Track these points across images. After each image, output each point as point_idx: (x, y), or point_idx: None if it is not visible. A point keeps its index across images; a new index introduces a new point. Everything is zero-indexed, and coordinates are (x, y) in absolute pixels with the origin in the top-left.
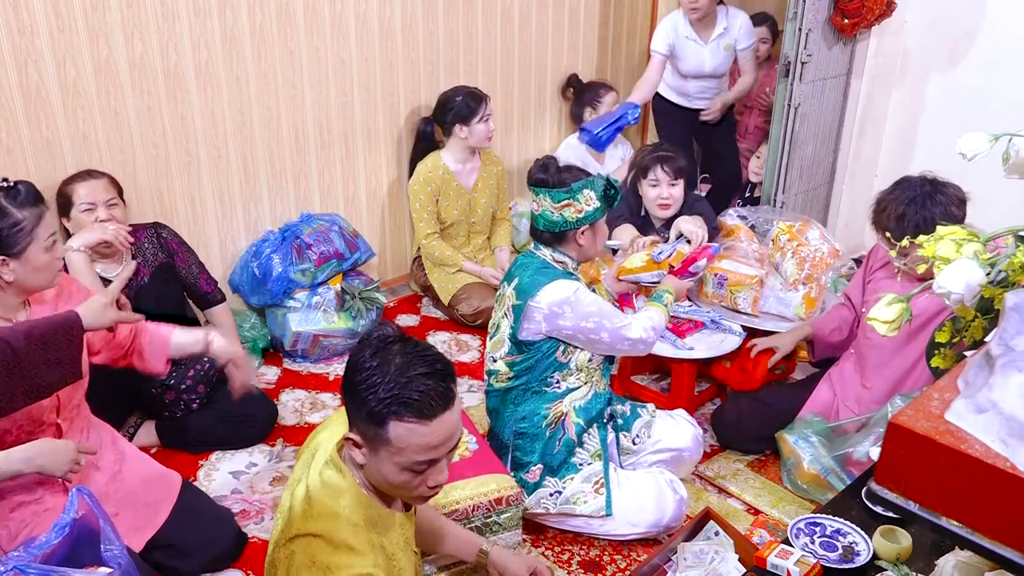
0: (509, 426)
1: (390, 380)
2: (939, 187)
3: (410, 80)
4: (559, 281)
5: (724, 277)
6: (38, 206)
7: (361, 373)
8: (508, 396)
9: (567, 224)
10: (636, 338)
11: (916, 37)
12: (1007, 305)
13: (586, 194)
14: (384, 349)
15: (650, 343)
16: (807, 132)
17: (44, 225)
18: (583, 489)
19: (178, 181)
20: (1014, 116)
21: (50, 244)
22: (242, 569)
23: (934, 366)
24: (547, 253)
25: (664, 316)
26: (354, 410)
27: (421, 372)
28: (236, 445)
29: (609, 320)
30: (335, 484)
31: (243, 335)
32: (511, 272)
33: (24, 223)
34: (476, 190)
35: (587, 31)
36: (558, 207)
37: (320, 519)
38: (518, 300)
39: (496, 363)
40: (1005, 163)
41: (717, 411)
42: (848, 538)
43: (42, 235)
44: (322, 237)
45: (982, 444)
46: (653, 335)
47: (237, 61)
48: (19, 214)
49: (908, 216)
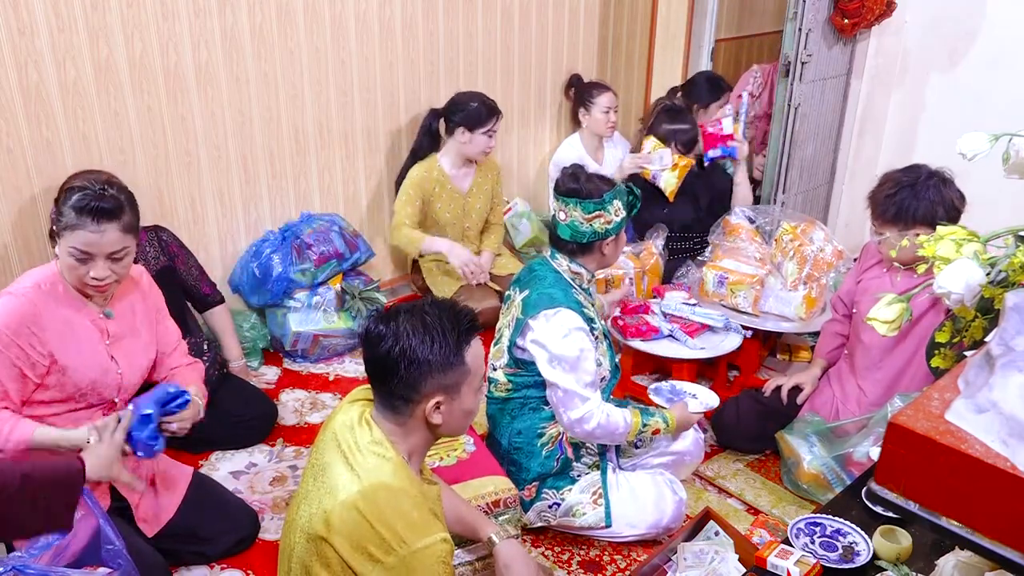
0: (506, 436)
1: (442, 329)
2: (940, 184)
3: (410, 80)
4: (563, 313)
5: (725, 276)
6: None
7: (419, 343)
8: (506, 407)
9: (595, 235)
10: (576, 419)
11: (916, 37)
12: (1007, 305)
13: (616, 204)
14: (398, 324)
15: (585, 433)
16: (807, 132)
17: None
18: (581, 500)
19: (178, 181)
20: (1014, 116)
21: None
22: (242, 569)
23: (934, 366)
24: (564, 264)
25: (631, 429)
26: (429, 377)
27: (451, 313)
28: (236, 445)
29: (577, 381)
30: (387, 458)
31: (243, 335)
32: (523, 279)
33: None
34: (471, 194)
35: (587, 31)
36: (588, 218)
37: (380, 492)
38: (522, 314)
39: (496, 372)
40: (1005, 163)
41: (717, 411)
42: (848, 538)
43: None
44: (322, 237)
45: (982, 444)
46: (597, 431)
47: (237, 61)
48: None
49: (896, 198)
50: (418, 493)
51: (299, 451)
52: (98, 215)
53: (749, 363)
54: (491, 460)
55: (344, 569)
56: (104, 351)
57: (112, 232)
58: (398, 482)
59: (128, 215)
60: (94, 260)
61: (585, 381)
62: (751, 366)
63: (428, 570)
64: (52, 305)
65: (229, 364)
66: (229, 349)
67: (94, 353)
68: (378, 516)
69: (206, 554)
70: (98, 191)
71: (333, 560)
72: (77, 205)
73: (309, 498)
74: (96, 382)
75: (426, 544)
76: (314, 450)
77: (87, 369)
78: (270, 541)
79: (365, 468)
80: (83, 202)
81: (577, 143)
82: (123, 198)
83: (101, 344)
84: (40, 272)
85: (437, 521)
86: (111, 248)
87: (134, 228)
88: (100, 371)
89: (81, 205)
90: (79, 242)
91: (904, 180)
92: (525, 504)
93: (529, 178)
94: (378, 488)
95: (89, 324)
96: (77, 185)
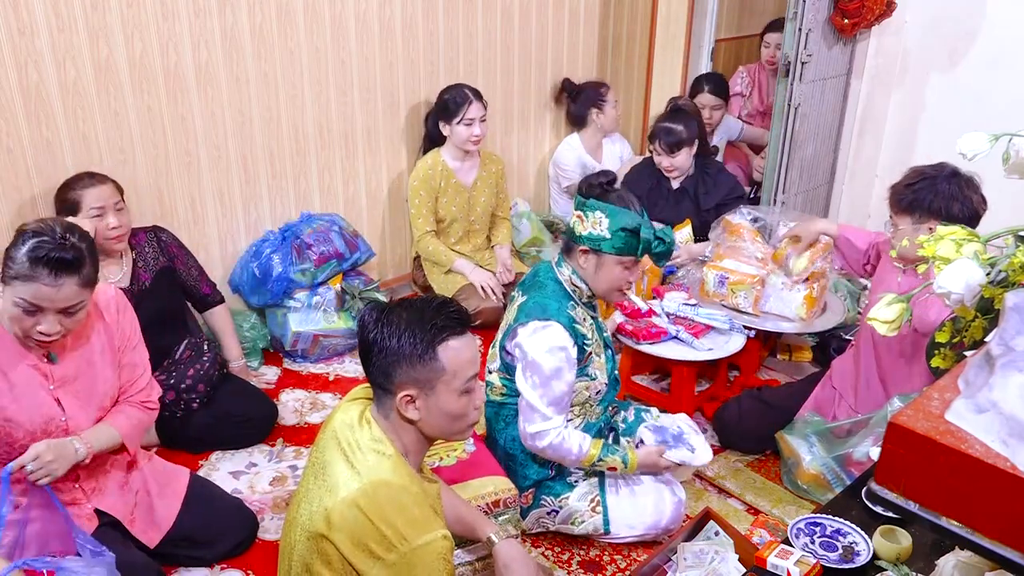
0: (501, 441)
1: (419, 321)
2: (963, 183)
3: (410, 80)
4: (552, 328)
5: (725, 276)
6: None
7: (391, 332)
8: (501, 412)
9: (571, 235)
10: (532, 432)
11: (916, 37)
12: (1007, 305)
13: (596, 216)
14: (390, 311)
15: (536, 448)
16: (807, 132)
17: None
18: (580, 508)
19: (178, 181)
20: (1014, 116)
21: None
22: (242, 569)
23: (934, 366)
24: (567, 273)
25: (584, 457)
26: (398, 368)
27: (435, 306)
28: (236, 445)
29: (541, 397)
30: (387, 455)
31: (243, 335)
32: (527, 283)
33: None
34: (475, 188)
35: (587, 31)
36: (574, 214)
37: (380, 489)
38: (514, 320)
39: (491, 375)
40: (1005, 163)
41: (719, 410)
42: (848, 538)
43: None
44: (322, 237)
45: (982, 444)
46: (548, 450)
47: (237, 61)
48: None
49: (914, 187)
50: (419, 490)
51: (299, 451)
52: (56, 267)
53: (749, 363)
54: (491, 460)
55: (345, 567)
56: (47, 397)
57: (69, 287)
58: (398, 479)
59: (88, 268)
60: (44, 313)
61: (551, 398)
62: (751, 366)
63: (429, 567)
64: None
65: (229, 364)
66: (229, 349)
67: (35, 404)
68: (379, 513)
69: (204, 558)
70: (58, 240)
71: (334, 558)
72: (33, 255)
73: (310, 496)
74: (36, 435)
75: (427, 541)
76: (314, 449)
77: (27, 422)
78: (270, 541)
79: (365, 466)
80: (40, 252)
81: (577, 143)
82: (84, 248)
83: (44, 390)
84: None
85: (438, 518)
86: (65, 304)
87: (93, 282)
88: (43, 421)
89: (38, 256)
90: (30, 294)
91: (927, 172)
92: (523, 510)
93: (529, 178)
94: (379, 485)
95: (29, 369)
96: (33, 229)
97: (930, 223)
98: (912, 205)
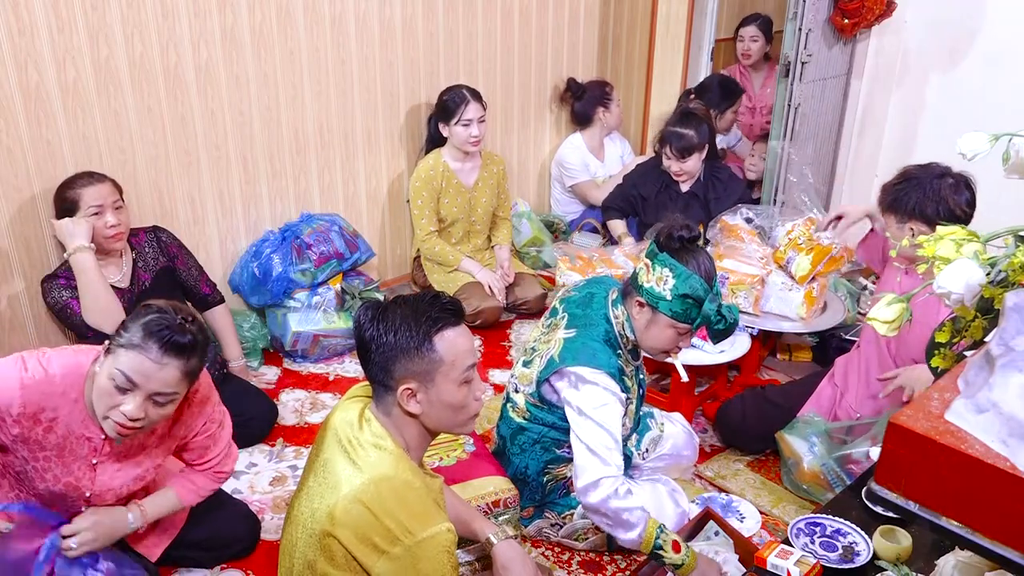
0: (513, 464)
1: (414, 315)
2: (949, 186)
3: (410, 80)
4: (602, 379)
5: (725, 276)
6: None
7: (387, 327)
8: (517, 437)
9: (634, 280)
10: (588, 483)
11: (916, 37)
12: (1007, 305)
13: (663, 273)
14: (385, 308)
15: (593, 507)
16: (807, 132)
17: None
18: (583, 526)
19: (178, 181)
20: (1014, 116)
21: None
22: (243, 569)
23: (934, 366)
24: (620, 318)
25: (641, 541)
26: (396, 362)
27: (428, 299)
28: (236, 445)
29: (594, 446)
30: (388, 451)
31: (243, 335)
32: (577, 308)
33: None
34: (476, 189)
35: (587, 31)
36: (642, 260)
37: (383, 484)
38: (559, 357)
39: (517, 394)
40: (1005, 163)
41: (721, 409)
42: (848, 538)
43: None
44: (322, 237)
45: (982, 444)
46: (608, 507)
47: (237, 61)
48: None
49: (898, 187)
50: (421, 484)
51: (299, 451)
52: (167, 345)
53: (749, 363)
54: (491, 460)
55: (349, 562)
56: (86, 468)
57: (172, 370)
58: (401, 474)
59: (196, 359)
60: (135, 393)
61: (605, 445)
62: (751, 366)
63: (433, 559)
64: (60, 405)
65: (229, 364)
66: (229, 349)
67: (69, 469)
68: (382, 507)
69: (204, 564)
70: (177, 321)
71: (338, 553)
72: (148, 328)
73: (311, 494)
74: (54, 497)
75: (432, 533)
76: (314, 447)
77: (51, 480)
78: (271, 541)
79: (367, 462)
80: (155, 326)
81: (580, 143)
82: (200, 338)
83: (85, 462)
84: (73, 364)
85: (441, 511)
86: (161, 387)
87: (194, 376)
88: (69, 487)
89: (152, 330)
90: (131, 367)
91: (913, 173)
92: (524, 521)
93: (529, 178)
94: (381, 480)
95: (84, 438)
96: (157, 306)
97: (911, 224)
98: (892, 205)
